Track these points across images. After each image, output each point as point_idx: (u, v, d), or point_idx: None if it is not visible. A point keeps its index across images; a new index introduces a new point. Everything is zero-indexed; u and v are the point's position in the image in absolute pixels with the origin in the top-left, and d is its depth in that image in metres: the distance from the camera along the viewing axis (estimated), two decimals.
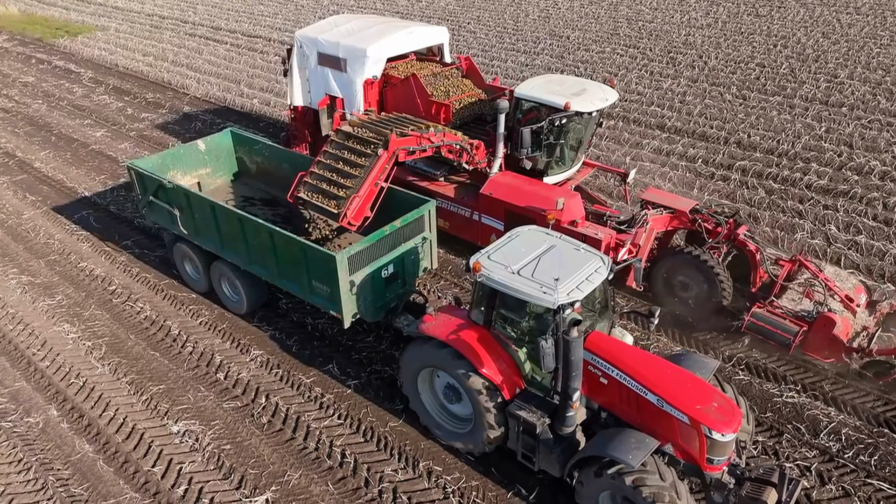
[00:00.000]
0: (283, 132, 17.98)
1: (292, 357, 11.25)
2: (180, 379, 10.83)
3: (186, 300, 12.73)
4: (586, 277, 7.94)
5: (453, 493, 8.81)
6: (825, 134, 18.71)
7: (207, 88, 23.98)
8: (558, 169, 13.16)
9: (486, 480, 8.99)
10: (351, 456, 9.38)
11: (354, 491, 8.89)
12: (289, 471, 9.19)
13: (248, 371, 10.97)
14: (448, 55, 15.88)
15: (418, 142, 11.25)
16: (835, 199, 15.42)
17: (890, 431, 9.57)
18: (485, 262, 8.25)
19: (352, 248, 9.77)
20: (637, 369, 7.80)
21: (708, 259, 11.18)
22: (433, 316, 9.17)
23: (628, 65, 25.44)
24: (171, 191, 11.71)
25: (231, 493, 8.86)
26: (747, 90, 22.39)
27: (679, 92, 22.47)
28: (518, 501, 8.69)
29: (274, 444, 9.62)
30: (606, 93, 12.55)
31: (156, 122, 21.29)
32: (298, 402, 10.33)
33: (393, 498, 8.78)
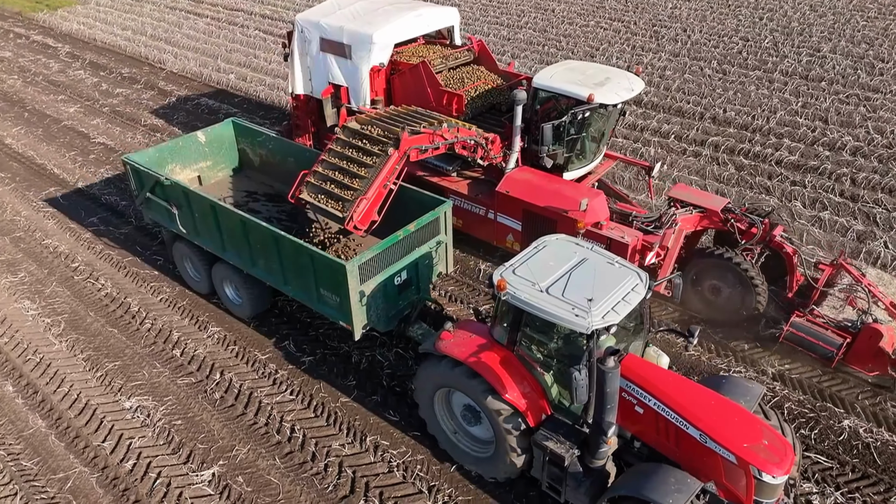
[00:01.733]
0: (285, 121, 17.28)
1: (250, 334, 11.33)
2: (136, 355, 10.92)
3: (148, 277, 12.77)
4: (623, 297, 7.20)
5: (398, 467, 8.94)
6: (801, 109, 18.57)
7: (184, 63, 23.74)
8: (579, 163, 12.24)
9: (430, 455, 9.11)
10: (300, 431, 9.50)
11: (301, 465, 9.02)
12: (237, 445, 9.31)
13: (204, 348, 11.05)
14: (458, 38, 14.94)
15: (431, 139, 10.38)
16: (803, 175, 15.36)
17: (832, 405, 9.68)
18: (510, 278, 7.50)
19: (363, 255, 9.09)
20: (677, 399, 7.08)
21: (742, 263, 10.41)
22: (451, 332, 8.24)
23: (611, 39, 25.15)
24: (168, 188, 11.06)
25: (179, 468, 8.99)
26: (728, 64, 22.17)
27: (660, 66, 22.25)
28: (458, 476, 8.81)
29: (225, 419, 9.74)
30: (632, 82, 11.60)
31: (129, 98, 21.12)
32: (252, 379, 10.43)
33: (338, 472, 8.91)
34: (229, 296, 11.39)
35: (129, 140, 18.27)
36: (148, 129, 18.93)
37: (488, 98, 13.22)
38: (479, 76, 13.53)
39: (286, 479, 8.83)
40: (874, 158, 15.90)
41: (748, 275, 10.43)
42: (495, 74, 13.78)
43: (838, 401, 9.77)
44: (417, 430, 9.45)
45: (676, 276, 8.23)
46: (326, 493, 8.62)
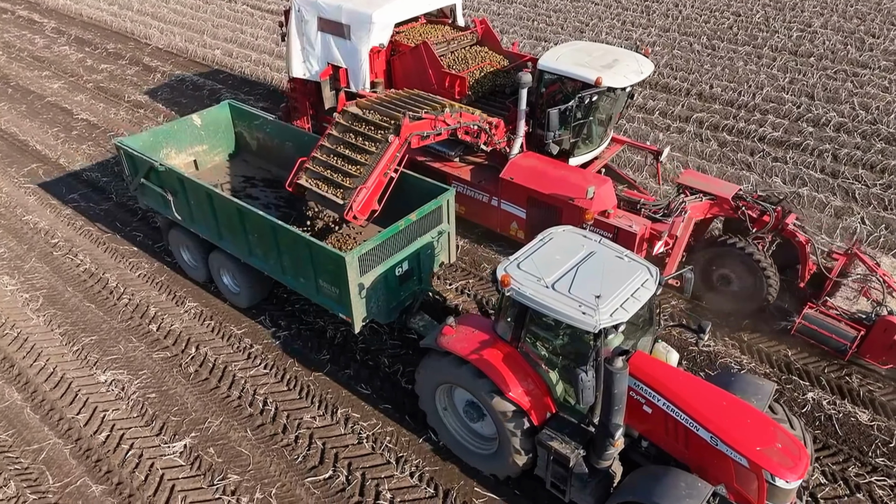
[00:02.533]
0: (273, 99, 16.91)
1: (226, 308, 11.41)
2: (113, 330, 11.01)
3: (127, 253, 12.83)
4: (632, 294, 6.93)
5: (367, 439, 9.08)
6: (788, 85, 18.46)
7: (170, 38, 23.53)
8: (585, 148, 11.89)
9: (399, 427, 9.25)
10: (272, 404, 9.63)
11: (271, 437, 9.16)
12: (210, 418, 9.45)
13: (181, 322, 11.14)
14: (461, 17, 14.40)
15: (433, 125, 10.06)
16: (786, 152, 15.33)
17: (798, 378, 9.79)
18: (514, 273, 7.26)
19: (362, 246, 8.80)
20: (687, 399, 6.84)
21: (754, 252, 10.06)
22: (453, 328, 7.96)
23: (601, 14, 24.89)
24: (163, 174, 10.76)
25: (151, 440, 9.13)
26: (718, 40, 21.97)
27: (649, 42, 22.04)
28: (427, 447, 8.95)
29: (198, 392, 9.86)
30: (641, 64, 11.23)
31: (114, 74, 20.97)
32: (227, 353, 10.53)
33: (308, 443, 9.05)
34: (227, 284, 11.16)
35: (112, 116, 18.20)
36: (132, 105, 18.84)
37: (492, 80, 12.81)
38: (482, 57, 13.17)
39: (257, 450, 8.97)
40: (857, 135, 15.85)
41: (760, 265, 10.08)
42: (499, 55, 13.40)
43: (804, 374, 9.88)
44: (388, 403, 9.59)
45: (688, 271, 7.83)
46: (296, 464, 8.77)
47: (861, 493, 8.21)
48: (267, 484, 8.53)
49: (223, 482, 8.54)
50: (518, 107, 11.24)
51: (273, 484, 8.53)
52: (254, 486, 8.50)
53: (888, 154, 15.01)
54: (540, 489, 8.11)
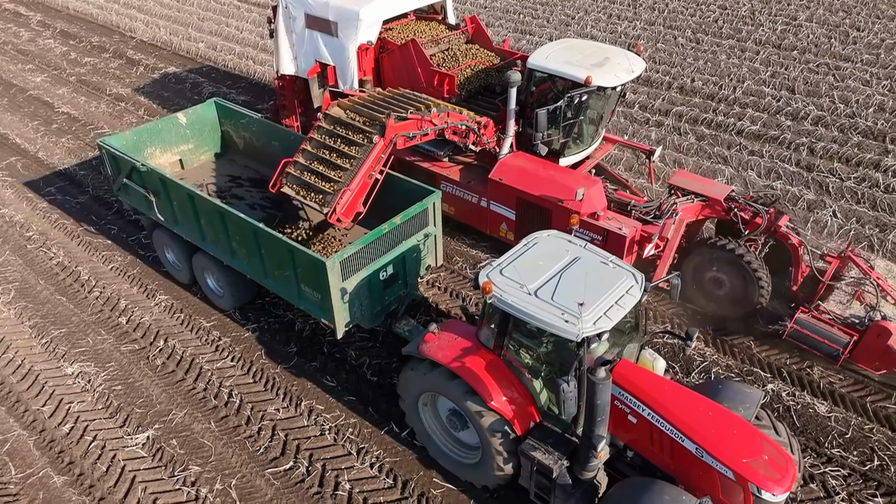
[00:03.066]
0: (265, 95, 16.66)
1: (197, 302, 11.46)
2: (83, 323, 11.06)
3: (101, 246, 12.87)
4: (616, 301, 6.79)
5: (329, 430, 9.15)
6: (769, 78, 18.44)
7: (155, 32, 23.50)
8: (576, 148, 11.73)
9: (362, 419, 9.31)
10: (237, 396, 9.69)
11: (234, 428, 9.23)
12: (174, 410, 9.51)
13: (150, 315, 11.19)
14: (451, 13, 14.19)
15: (419, 126, 9.92)
16: (762, 145, 15.35)
17: (759, 370, 9.85)
18: (496, 279, 7.10)
19: (344, 251, 8.60)
20: (672, 410, 6.72)
21: (746, 254, 9.91)
22: (435, 335, 7.83)
23: (588, 7, 24.84)
24: (145, 174, 10.59)
25: (114, 431, 9.19)
26: (702, 33, 21.94)
27: (633, 35, 22.02)
28: (389, 438, 9.02)
29: (164, 385, 9.92)
30: (632, 62, 11.02)
31: (97, 67, 20.95)
32: (195, 346, 10.58)
33: (271, 434, 9.12)
34: (211, 286, 11.01)
35: (92, 110, 18.20)
36: (112, 98, 18.83)
37: (482, 78, 12.61)
38: (472, 55, 12.98)
39: (219, 441, 9.04)
40: (835, 128, 15.86)
41: (752, 267, 9.93)
42: (490, 53, 13.21)
43: (766, 366, 9.93)
44: (352, 395, 9.65)
45: (675, 277, 7.63)
46: (257, 455, 8.84)
47: (815, 482, 8.28)
48: (227, 475, 8.60)
49: (184, 473, 8.61)
50: (507, 106, 11.09)
51: (233, 475, 8.59)
52: (214, 478, 8.56)
53: (864, 147, 15.03)
54: None
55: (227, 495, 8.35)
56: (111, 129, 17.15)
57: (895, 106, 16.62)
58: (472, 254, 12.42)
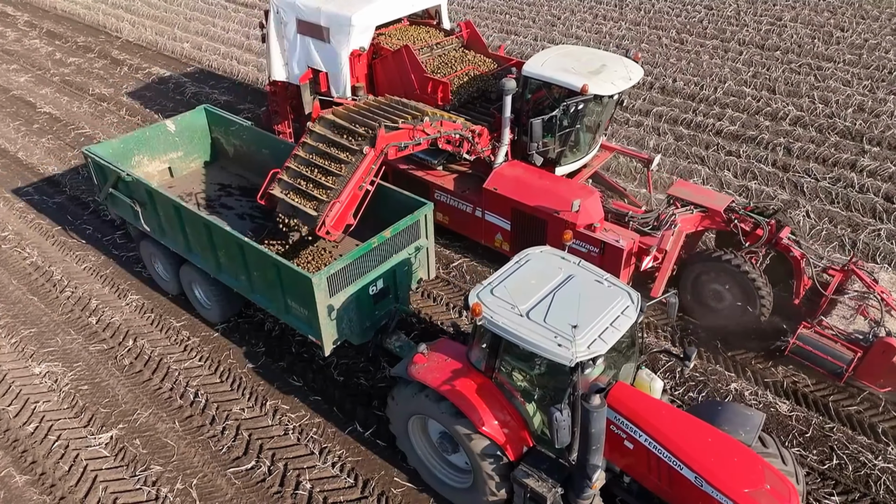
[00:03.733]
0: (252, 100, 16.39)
1: (168, 302, 11.47)
2: (53, 323, 11.08)
3: (75, 246, 12.88)
4: (611, 322, 6.54)
5: (293, 430, 9.16)
6: (751, 79, 18.47)
7: (141, 32, 23.52)
8: (572, 157, 11.52)
9: (326, 419, 9.33)
10: (203, 396, 9.71)
11: (198, 428, 9.24)
12: (139, 410, 9.52)
13: (121, 315, 11.21)
14: (446, 19, 13.98)
15: (410, 135, 9.70)
16: (740, 145, 15.37)
17: (724, 370, 9.87)
18: (487, 300, 6.85)
19: (331, 266, 8.37)
20: (670, 436, 6.48)
21: (746, 267, 9.67)
22: (425, 356, 7.58)
23: (574, 7, 24.87)
24: (130, 184, 10.39)
25: (78, 431, 9.21)
26: (686, 34, 21.97)
27: (618, 36, 22.05)
28: (352, 438, 9.04)
29: (131, 384, 9.93)
30: (630, 69, 10.83)
31: (81, 68, 20.96)
32: (164, 345, 10.60)
33: (234, 434, 9.14)
34: (198, 298, 10.82)
35: (75, 110, 18.21)
36: (95, 98, 18.85)
37: (477, 85, 12.40)
38: (467, 61, 12.80)
39: (182, 441, 9.06)
40: (813, 128, 15.89)
41: (753, 281, 9.70)
42: (485, 59, 13.04)
43: (730, 365, 9.96)
44: (318, 395, 9.67)
45: (672, 296, 7.41)
46: (220, 455, 8.86)
47: None
48: (189, 475, 8.61)
49: (145, 473, 8.62)
50: (502, 114, 10.85)
51: (195, 475, 8.61)
52: (175, 477, 8.58)
53: (841, 147, 15.06)
54: None
55: (187, 495, 8.37)
56: (92, 129, 17.18)
57: (874, 106, 16.66)
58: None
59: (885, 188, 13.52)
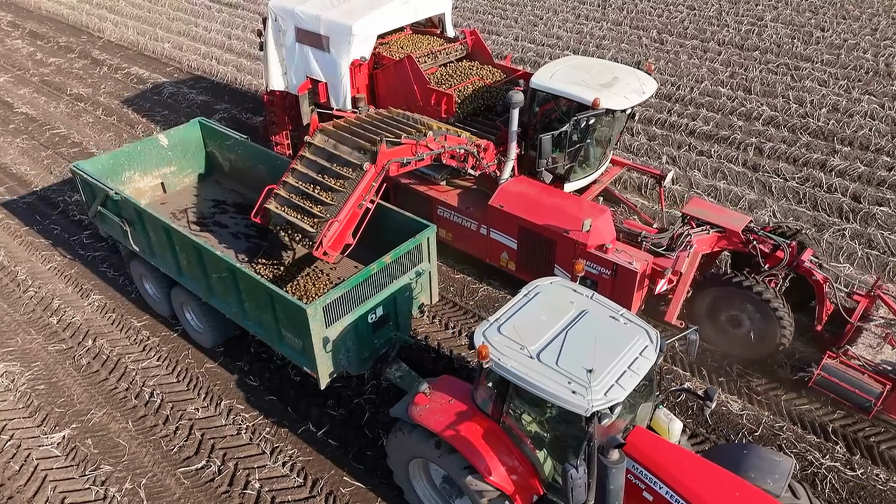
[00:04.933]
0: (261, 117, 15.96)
1: (129, 302, 11.48)
2: (14, 322, 11.08)
3: (41, 246, 12.89)
4: (629, 365, 6.04)
5: (246, 430, 9.17)
6: (728, 79, 18.47)
7: (123, 32, 23.54)
8: (582, 172, 11.15)
9: (280, 419, 9.33)
10: (159, 395, 9.71)
11: (151, 428, 9.25)
12: (94, 409, 9.53)
13: (82, 315, 11.22)
14: (450, 27, 13.52)
15: (414, 151, 9.34)
16: (712, 145, 15.37)
17: (679, 368, 9.87)
18: (494, 339, 6.36)
19: (327, 295, 7.91)
20: (693, 489, 6.03)
21: (765, 292, 9.18)
22: (427, 395, 7.13)
23: (557, 7, 24.88)
24: (119, 202, 10.00)
25: (32, 430, 9.21)
26: (667, 34, 21.98)
27: (599, 36, 22.06)
28: (305, 438, 9.04)
29: (87, 384, 9.94)
30: (643, 82, 10.47)
31: (61, 68, 20.98)
32: (123, 345, 10.61)
33: (187, 434, 9.14)
34: (190, 322, 10.36)
35: (52, 110, 18.23)
36: (73, 98, 18.86)
37: (482, 97, 11.97)
38: (472, 72, 12.40)
39: (134, 441, 9.06)
40: (786, 128, 15.90)
41: (772, 307, 9.20)
42: (490, 69, 12.63)
43: (685, 365, 9.95)
44: (274, 395, 9.67)
45: (692, 332, 6.88)
46: (171, 455, 8.86)
47: None
48: (138, 474, 8.62)
49: (95, 472, 8.63)
50: (509, 128, 10.45)
51: (144, 474, 8.62)
52: (125, 477, 8.59)
53: (812, 147, 15.06)
54: None
55: (135, 494, 8.37)
56: (67, 129, 17.19)
57: (849, 106, 16.66)
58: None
59: (853, 188, 13.54)
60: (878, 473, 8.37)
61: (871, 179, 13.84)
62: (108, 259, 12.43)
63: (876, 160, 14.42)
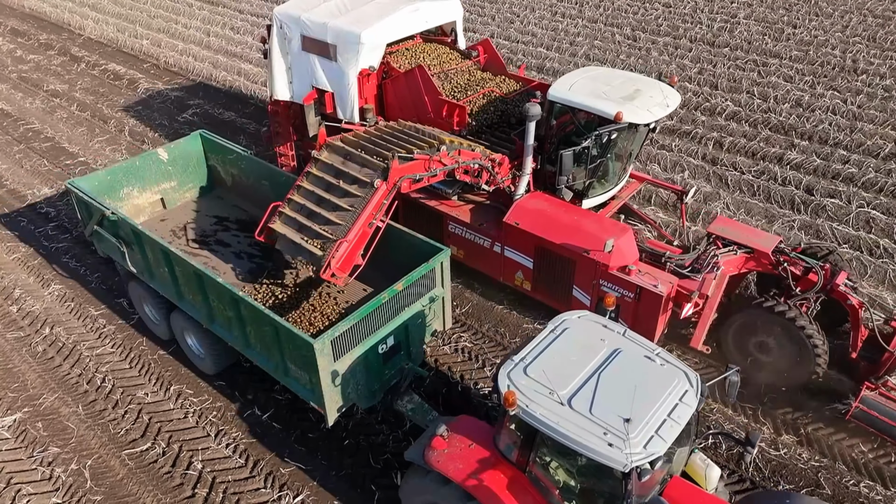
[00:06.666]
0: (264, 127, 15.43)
1: (88, 292, 11.70)
2: None
3: (6, 237, 13.13)
4: (669, 413, 5.57)
5: (193, 414, 9.39)
6: (696, 75, 18.69)
7: (103, 29, 23.75)
8: (601, 188, 10.71)
9: (228, 403, 9.55)
10: (110, 381, 9.94)
11: (100, 412, 9.48)
12: (46, 394, 9.76)
13: (42, 304, 11.44)
14: (462, 36, 13.00)
15: (426, 166, 8.96)
16: (673, 139, 15.59)
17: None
18: (521, 382, 5.89)
19: (335, 328, 7.45)
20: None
21: (799, 318, 8.68)
22: (445, 439, 6.59)
23: (534, 5, 25.09)
24: (117, 223, 9.62)
25: None
26: (641, 31, 22.20)
27: (573, 33, 22.28)
28: (249, 422, 9.26)
29: (42, 370, 10.17)
30: (667, 95, 10.02)
31: (40, 65, 21.20)
32: (79, 333, 10.83)
33: (135, 418, 9.37)
34: (191, 347, 9.91)
35: (27, 106, 18.45)
36: (49, 94, 19.09)
37: (495, 108, 11.50)
38: (485, 83, 11.93)
39: (83, 424, 9.29)
40: (747, 123, 16.11)
41: (807, 334, 8.68)
42: (504, 79, 12.16)
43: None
44: (223, 380, 9.89)
45: (734, 374, 6.38)
46: (117, 437, 9.08)
47: None
48: (84, 456, 8.84)
49: (42, 454, 8.86)
50: (525, 141, 9.95)
51: (90, 456, 8.84)
52: (71, 458, 8.81)
53: (772, 142, 15.28)
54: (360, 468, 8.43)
55: (80, 475, 8.60)
56: (41, 124, 17.41)
57: (811, 101, 16.88)
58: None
59: (807, 181, 13.76)
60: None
61: (826, 172, 14.06)
62: (71, 250, 12.66)
63: (832, 153, 14.64)
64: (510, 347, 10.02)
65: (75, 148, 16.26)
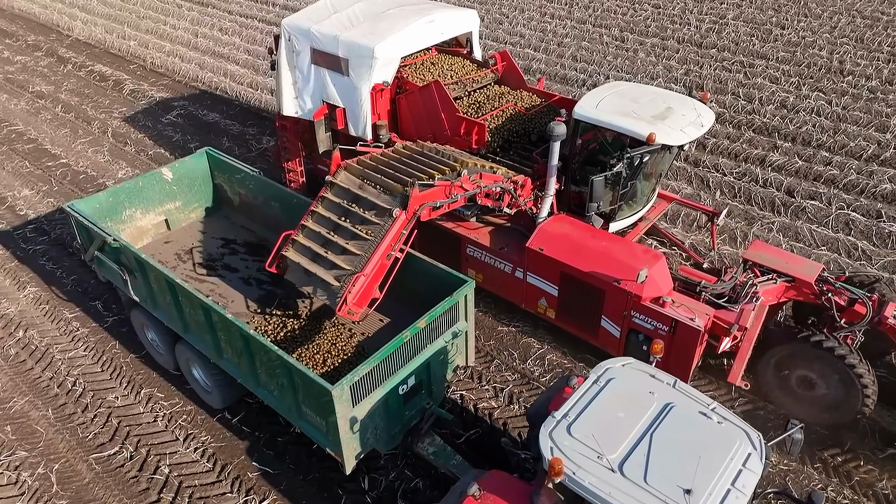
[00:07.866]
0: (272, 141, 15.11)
1: (63, 294, 11.66)
2: None
3: None
4: (732, 482, 5.09)
5: (162, 417, 9.36)
6: (682, 76, 18.66)
7: (91, 30, 23.73)
8: (629, 210, 10.20)
9: (198, 407, 9.51)
10: (81, 385, 9.90)
11: (70, 416, 9.44)
12: (16, 398, 9.72)
13: (17, 307, 11.40)
14: (478, 48, 12.51)
15: (447, 192, 8.60)
16: None
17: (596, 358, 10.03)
18: (565, 444, 5.34)
19: (354, 372, 6.93)
20: None
21: (847, 354, 8.12)
22: (476, 499, 5.95)
23: (524, 6, 25.06)
24: (119, 249, 9.13)
25: None
26: (629, 32, 22.17)
27: (561, 34, 22.24)
28: (219, 425, 9.22)
29: (13, 373, 10.13)
30: (701, 113, 9.46)
31: (27, 66, 21.17)
32: (52, 336, 10.79)
33: (104, 422, 9.33)
34: (198, 380, 9.40)
35: (11, 108, 18.42)
36: (34, 95, 19.05)
37: (515, 125, 10.79)
38: (504, 98, 11.33)
39: (52, 428, 9.25)
40: (731, 125, 16.08)
41: (857, 373, 8.13)
42: (523, 94, 11.55)
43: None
44: None
45: (797, 430, 5.81)
46: (86, 441, 9.05)
47: None
48: (52, 460, 8.81)
49: (9, 458, 8.82)
50: (549, 161, 9.38)
51: (58, 460, 8.80)
52: (38, 462, 8.77)
53: (755, 143, 15.24)
54: (326, 470, 8.38)
55: (46, 479, 8.56)
56: (25, 125, 17.38)
57: (796, 103, 16.84)
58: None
59: (788, 182, 13.72)
60: None
61: (808, 174, 14.02)
62: (48, 252, 12.63)
63: (815, 155, 14.60)
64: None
65: (58, 149, 16.22)
